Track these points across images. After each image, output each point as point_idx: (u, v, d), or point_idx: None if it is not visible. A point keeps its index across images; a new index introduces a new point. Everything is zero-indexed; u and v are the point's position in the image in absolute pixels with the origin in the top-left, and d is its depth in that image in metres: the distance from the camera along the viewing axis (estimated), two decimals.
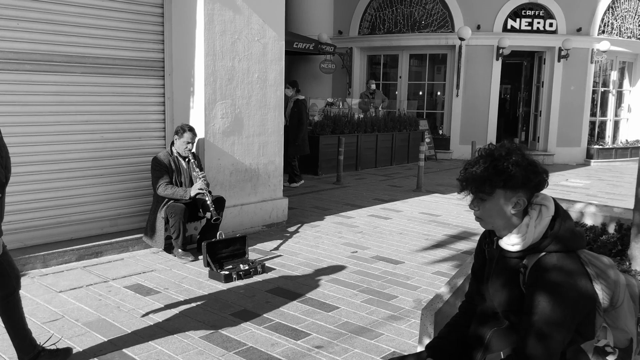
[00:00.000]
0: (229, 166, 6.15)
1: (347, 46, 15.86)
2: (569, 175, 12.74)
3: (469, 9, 14.62)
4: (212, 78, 5.86)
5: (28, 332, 3.08)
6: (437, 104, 16.28)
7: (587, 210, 2.77)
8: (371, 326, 3.95)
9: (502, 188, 1.93)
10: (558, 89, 14.85)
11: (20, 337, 3.03)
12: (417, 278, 5.04)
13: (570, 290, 1.85)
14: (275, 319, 4.02)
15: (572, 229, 1.94)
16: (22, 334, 3.04)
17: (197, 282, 4.76)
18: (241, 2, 6.04)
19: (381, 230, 6.77)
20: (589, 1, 14.74)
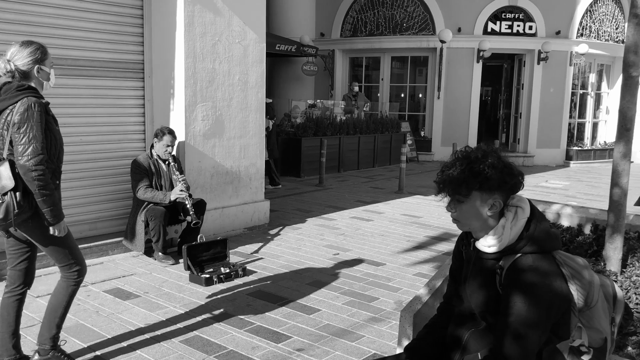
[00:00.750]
0: (209, 169, 6.12)
1: (329, 48, 15.89)
2: (548, 176, 12.89)
3: (449, 12, 14.74)
4: (193, 80, 5.83)
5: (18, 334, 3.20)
6: (419, 106, 16.38)
7: (564, 211, 2.80)
8: (352, 328, 3.95)
9: (478, 190, 1.94)
10: (538, 91, 15.03)
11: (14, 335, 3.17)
12: (398, 280, 5.06)
13: (545, 291, 1.87)
14: (256, 322, 4.01)
15: (547, 230, 1.96)
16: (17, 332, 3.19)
17: (177, 286, 4.72)
18: (222, 4, 6.02)
19: (363, 232, 6.78)
20: (567, 5, 14.95)
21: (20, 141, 2.81)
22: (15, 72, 2.90)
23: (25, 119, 2.81)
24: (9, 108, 2.85)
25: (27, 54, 2.92)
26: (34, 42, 2.99)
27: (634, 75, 2.21)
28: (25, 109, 2.81)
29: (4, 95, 2.86)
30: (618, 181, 2.36)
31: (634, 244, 2.51)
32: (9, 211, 2.82)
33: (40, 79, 2.99)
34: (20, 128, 2.80)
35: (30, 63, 2.92)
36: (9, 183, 2.82)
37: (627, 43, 2.21)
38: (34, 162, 2.81)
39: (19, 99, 2.83)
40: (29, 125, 2.81)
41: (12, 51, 2.92)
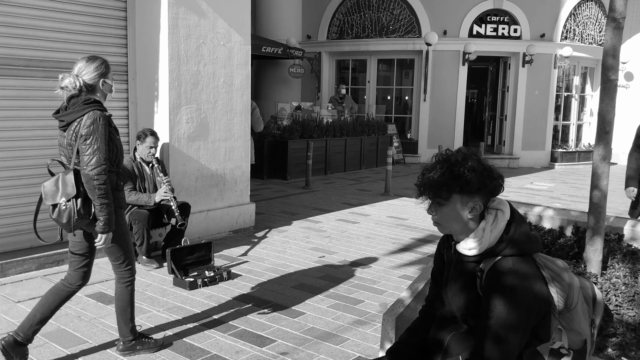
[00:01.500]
0: (194, 171, 6.08)
1: (315, 51, 15.90)
2: (533, 178, 12.99)
3: (435, 15, 14.81)
4: (177, 82, 5.80)
5: None
6: (405, 108, 16.43)
7: (546, 213, 2.81)
8: (337, 331, 3.94)
9: (458, 193, 1.94)
10: (523, 93, 15.14)
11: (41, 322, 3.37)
12: (383, 282, 5.06)
13: (525, 294, 1.87)
14: (240, 326, 3.99)
15: (527, 233, 1.97)
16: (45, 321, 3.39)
17: (161, 290, 4.68)
18: (206, 6, 6.00)
19: (349, 235, 6.78)
20: (551, 8, 15.08)
21: (86, 152, 3.06)
22: (83, 87, 3.12)
23: (92, 131, 3.04)
24: (76, 120, 3.09)
25: (93, 69, 3.14)
26: (99, 57, 3.23)
27: (613, 79, 2.22)
28: (92, 122, 3.04)
29: (72, 109, 3.11)
30: (598, 183, 2.37)
31: (615, 246, 2.53)
32: (70, 216, 3.08)
33: (104, 91, 3.23)
34: (87, 140, 3.05)
35: (96, 77, 3.14)
36: (72, 191, 3.08)
37: (605, 46, 2.23)
38: (96, 172, 3.06)
39: (85, 112, 3.06)
40: (95, 137, 3.05)
41: (79, 67, 3.14)
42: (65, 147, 3.19)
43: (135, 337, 3.51)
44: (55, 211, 3.13)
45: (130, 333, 3.49)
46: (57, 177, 3.16)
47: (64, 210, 3.09)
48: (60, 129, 3.21)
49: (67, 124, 3.14)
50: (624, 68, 16.95)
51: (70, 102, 3.14)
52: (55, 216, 3.14)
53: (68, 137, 3.15)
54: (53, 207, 3.14)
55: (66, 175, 3.13)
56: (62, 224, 3.14)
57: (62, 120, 3.17)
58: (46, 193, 3.17)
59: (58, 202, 3.11)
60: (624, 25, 2.08)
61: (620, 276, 2.31)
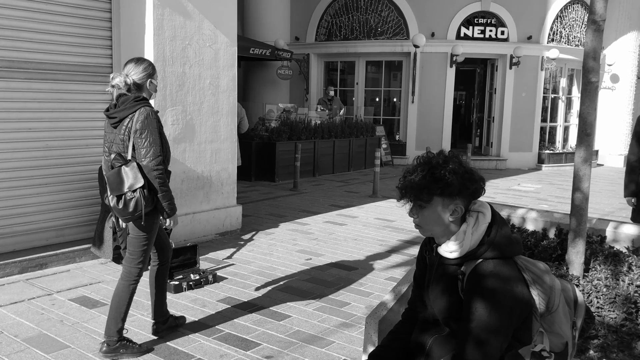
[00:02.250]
0: (180, 174, 6.04)
1: (304, 52, 15.89)
2: (521, 179, 13.05)
3: (423, 17, 14.85)
4: (162, 84, 5.75)
5: (165, 299, 3.82)
6: (393, 110, 16.46)
7: (529, 215, 2.81)
8: (322, 334, 3.93)
9: (439, 195, 1.94)
10: (510, 95, 15.22)
11: (160, 301, 3.79)
12: (370, 284, 5.05)
13: (506, 297, 1.87)
14: (225, 330, 3.96)
15: (508, 235, 1.96)
16: (163, 299, 3.82)
17: (145, 293, 4.63)
18: (192, 7, 5.97)
19: (336, 237, 6.77)
20: (538, 10, 15.18)
21: (143, 145, 3.30)
22: (131, 85, 3.36)
23: (146, 125, 3.28)
24: (128, 117, 3.32)
25: (141, 70, 3.40)
26: (146, 59, 3.49)
27: (593, 81, 2.23)
28: (145, 117, 3.29)
29: (122, 106, 3.33)
30: (579, 186, 2.38)
31: (597, 248, 2.53)
32: (138, 205, 3.28)
33: (150, 90, 3.49)
34: (142, 134, 3.29)
35: (144, 77, 3.41)
36: (139, 181, 3.27)
37: (586, 49, 2.23)
38: (155, 162, 3.32)
39: (137, 109, 3.30)
40: (149, 130, 3.30)
41: (128, 67, 3.40)
42: (118, 142, 3.39)
43: (120, 339, 3.48)
44: (121, 202, 3.28)
45: (117, 333, 3.47)
46: (119, 170, 3.31)
47: (130, 200, 3.27)
48: (111, 126, 3.42)
49: (119, 121, 3.36)
50: (609, 70, 17.11)
51: (120, 100, 3.37)
52: (120, 206, 3.29)
53: (121, 133, 3.36)
54: (117, 198, 3.30)
55: (127, 167, 3.29)
56: (128, 213, 3.31)
57: (113, 117, 3.37)
58: (110, 185, 3.33)
59: (124, 192, 3.27)
60: (604, 28, 2.08)
61: (601, 278, 2.32)
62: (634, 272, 2.32)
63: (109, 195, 3.36)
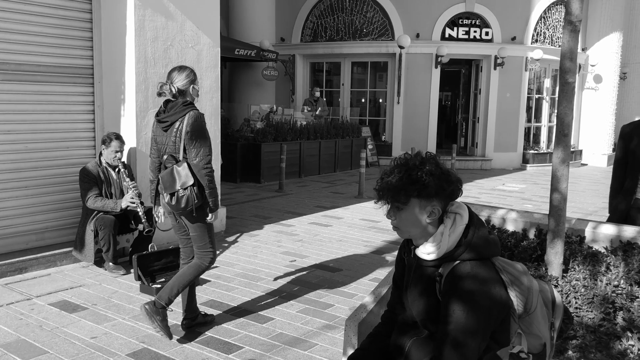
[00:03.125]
0: None
1: (289, 53, 15.86)
2: (505, 179, 13.12)
3: (408, 18, 14.89)
4: (144, 85, 5.70)
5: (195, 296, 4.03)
6: (379, 110, 16.48)
7: (509, 216, 2.81)
8: (305, 337, 3.90)
9: (416, 197, 1.93)
10: (495, 95, 15.31)
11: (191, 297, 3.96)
12: (354, 285, 5.04)
13: (484, 298, 1.86)
14: (207, 333, 3.92)
15: (485, 236, 1.96)
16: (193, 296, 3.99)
17: (127, 297, 4.59)
18: (174, 8, 5.92)
19: (321, 238, 6.75)
20: (522, 11, 15.29)
21: (193, 146, 3.57)
22: (176, 92, 3.65)
23: (195, 128, 3.56)
24: (178, 120, 3.58)
25: (184, 77, 3.67)
26: (187, 67, 3.77)
27: (570, 82, 2.23)
28: (194, 120, 3.56)
29: (172, 111, 3.61)
30: (557, 186, 2.38)
31: (576, 248, 2.54)
32: (189, 201, 3.56)
33: (193, 95, 3.74)
34: (192, 136, 3.55)
35: (187, 84, 3.68)
36: (190, 180, 3.55)
37: (562, 50, 2.24)
38: (204, 162, 3.59)
39: (186, 113, 3.58)
40: (198, 133, 3.58)
41: (172, 75, 3.68)
42: (170, 144, 3.65)
43: (164, 307, 3.70)
44: (174, 198, 3.57)
45: (167, 300, 3.71)
46: (171, 170, 3.60)
47: (182, 197, 3.56)
48: (162, 129, 3.68)
49: (169, 124, 3.63)
50: (593, 71, 17.27)
51: (169, 106, 3.65)
52: (173, 203, 3.58)
53: (172, 135, 3.62)
54: (170, 195, 3.58)
55: (179, 167, 3.58)
56: (180, 208, 3.60)
57: (165, 121, 3.64)
58: (164, 184, 3.62)
59: (176, 190, 3.56)
60: (580, 29, 2.08)
61: (580, 278, 2.32)
62: (612, 272, 2.33)
63: (163, 193, 3.65)
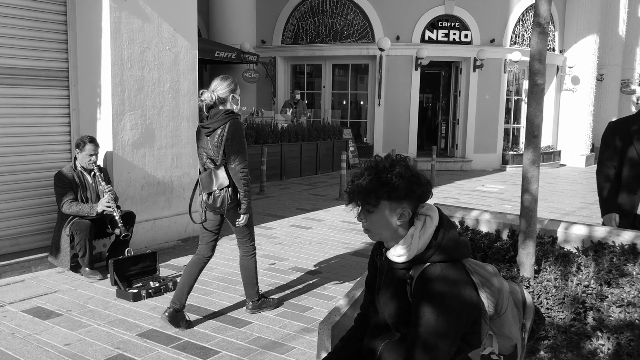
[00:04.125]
0: (140, 179, 5.93)
1: (270, 55, 15.83)
2: (485, 180, 13.23)
3: (388, 21, 14.95)
4: (120, 88, 5.64)
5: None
6: (360, 113, 16.52)
7: (482, 217, 2.82)
8: (283, 340, 3.89)
9: (386, 199, 1.92)
10: (474, 97, 15.43)
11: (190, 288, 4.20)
12: (333, 288, 5.03)
13: (454, 300, 1.86)
14: (184, 338, 3.88)
15: (455, 238, 1.96)
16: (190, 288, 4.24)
17: (103, 302, 4.53)
18: (150, 10, 5.87)
19: (301, 241, 6.73)
20: (501, 14, 15.44)
21: (233, 151, 3.92)
22: (216, 100, 3.98)
23: (235, 135, 3.91)
24: (220, 127, 3.92)
25: (225, 86, 4.00)
26: (229, 77, 4.10)
27: (540, 83, 2.25)
28: (235, 128, 3.92)
29: (215, 119, 3.95)
30: (528, 187, 2.39)
31: (548, 249, 2.56)
32: (224, 201, 3.94)
33: (233, 104, 4.06)
34: (232, 142, 3.91)
35: (227, 92, 4.00)
36: (226, 181, 3.92)
37: (531, 51, 2.26)
38: (241, 166, 3.96)
39: (227, 121, 3.92)
40: (238, 139, 3.93)
41: (215, 84, 4.01)
42: (211, 148, 3.98)
43: (260, 297, 4.33)
44: (211, 197, 3.94)
45: (256, 294, 4.32)
46: (210, 172, 3.96)
47: (218, 197, 3.92)
48: (205, 135, 4.01)
49: (212, 130, 3.95)
50: (570, 72, 17.50)
51: (211, 113, 4.00)
52: (210, 202, 3.95)
53: (214, 141, 3.95)
54: (208, 194, 3.95)
55: (217, 170, 3.94)
56: (215, 207, 3.96)
57: (208, 127, 3.97)
58: (203, 184, 3.97)
59: (213, 190, 3.92)
60: (549, 30, 2.09)
61: (551, 279, 2.33)
62: (583, 273, 2.35)
63: (202, 193, 4.00)
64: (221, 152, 3.93)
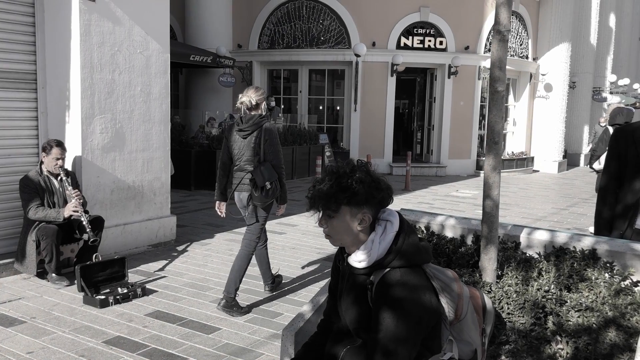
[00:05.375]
0: (109, 184, 5.85)
1: (246, 60, 15.78)
2: (459, 186, 13.35)
3: (364, 27, 15.03)
4: (90, 91, 5.56)
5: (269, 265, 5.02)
6: (337, 118, 16.55)
7: (447, 222, 2.84)
8: (252, 346, 3.86)
9: (347, 205, 1.92)
10: (449, 103, 15.58)
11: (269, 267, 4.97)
12: (304, 293, 5.01)
13: (414, 306, 1.86)
14: (151, 345, 3.83)
15: (416, 243, 1.96)
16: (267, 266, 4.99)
17: (69, 309, 4.45)
18: (121, 13, 5.81)
19: (274, 246, 6.69)
20: (475, 21, 15.63)
21: (271, 150, 4.52)
22: (252, 105, 4.53)
23: (272, 137, 4.53)
24: (256, 130, 4.50)
25: (260, 94, 4.60)
26: (261, 87, 4.79)
27: (500, 90, 2.27)
28: (271, 131, 4.54)
29: (251, 122, 4.52)
30: (489, 193, 2.42)
31: (510, 254, 2.58)
32: (275, 192, 4.50)
33: (264, 110, 4.62)
34: (271, 142, 4.52)
35: (262, 99, 4.61)
36: (274, 175, 4.48)
37: (492, 59, 2.28)
38: (280, 163, 4.58)
39: (263, 124, 4.52)
40: (274, 140, 4.55)
41: (251, 91, 4.58)
42: (248, 149, 4.52)
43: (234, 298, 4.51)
44: (263, 191, 4.43)
45: (234, 292, 4.50)
46: (258, 169, 4.45)
47: (269, 189, 4.44)
48: (242, 137, 4.54)
49: (249, 133, 4.51)
50: (543, 80, 17.78)
51: (246, 118, 4.54)
52: (263, 194, 4.43)
53: (252, 142, 4.52)
54: (261, 188, 4.42)
55: (263, 167, 4.46)
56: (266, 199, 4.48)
57: (246, 130, 4.51)
58: (258, 181, 4.43)
59: (265, 184, 4.41)
60: (508, 38, 2.13)
61: (512, 284, 2.36)
62: (544, 278, 2.38)
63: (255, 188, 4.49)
64: (262, 151, 4.50)
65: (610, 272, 2.37)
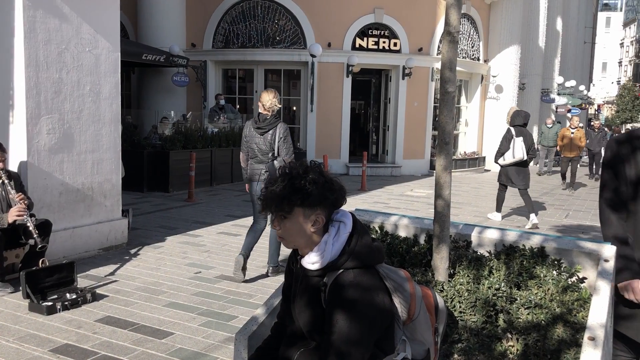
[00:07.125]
0: (57, 186, 5.66)
1: (201, 59, 15.56)
2: (413, 185, 13.53)
3: (319, 27, 15.05)
4: (36, 91, 5.37)
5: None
6: (294, 118, 16.52)
7: (401, 222, 2.86)
8: (206, 350, 3.80)
9: (300, 206, 1.90)
10: (403, 105, 15.76)
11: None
12: (260, 296, 4.97)
13: (367, 307, 1.85)
14: (100, 352, 3.72)
15: (368, 244, 1.96)
16: None
17: (14, 317, 4.28)
18: (69, 10, 5.63)
19: (229, 248, 6.62)
20: (428, 23, 15.87)
21: (284, 147, 5.26)
22: (266, 105, 5.27)
23: (286, 135, 5.26)
24: (272, 129, 5.23)
25: (273, 96, 5.32)
26: (273, 90, 5.51)
27: (450, 91, 2.30)
28: (285, 129, 5.28)
29: (266, 122, 5.26)
30: (441, 193, 2.44)
31: (462, 253, 2.61)
32: None
33: (274, 110, 5.33)
34: (284, 140, 5.25)
35: (275, 102, 5.31)
36: None
37: (442, 60, 2.31)
38: (292, 158, 5.17)
39: (277, 124, 5.26)
40: (287, 137, 5.28)
41: (263, 95, 5.28)
42: (264, 144, 5.25)
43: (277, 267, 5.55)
44: None
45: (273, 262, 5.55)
46: (272, 163, 5.13)
47: None
48: (259, 134, 5.27)
49: (266, 131, 5.23)
50: (494, 81, 18.21)
51: (261, 117, 5.30)
52: None
53: (268, 139, 5.24)
54: None
55: (276, 162, 5.15)
56: None
57: (264, 128, 5.25)
58: (272, 174, 4.85)
59: None
60: (459, 39, 2.15)
61: (464, 283, 2.39)
62: (494, 276, 2.42)
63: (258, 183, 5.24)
64: (276, 147, 5.21)
65: (558, 269, 2.42)
